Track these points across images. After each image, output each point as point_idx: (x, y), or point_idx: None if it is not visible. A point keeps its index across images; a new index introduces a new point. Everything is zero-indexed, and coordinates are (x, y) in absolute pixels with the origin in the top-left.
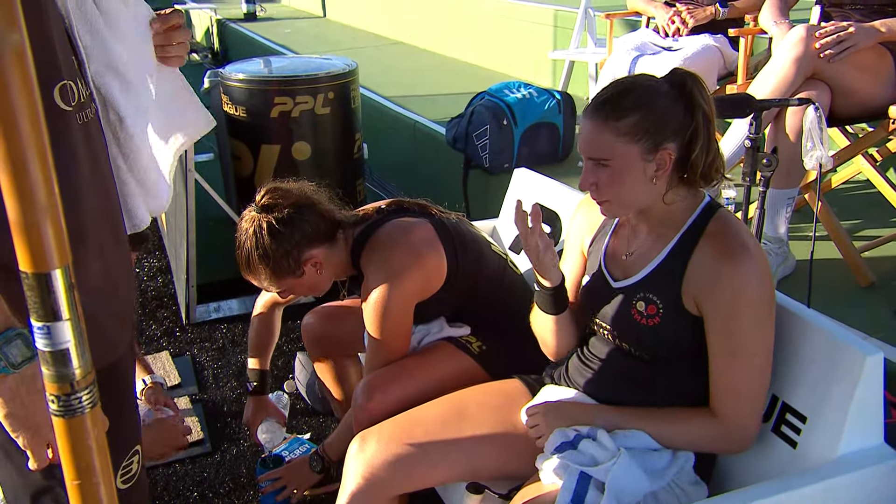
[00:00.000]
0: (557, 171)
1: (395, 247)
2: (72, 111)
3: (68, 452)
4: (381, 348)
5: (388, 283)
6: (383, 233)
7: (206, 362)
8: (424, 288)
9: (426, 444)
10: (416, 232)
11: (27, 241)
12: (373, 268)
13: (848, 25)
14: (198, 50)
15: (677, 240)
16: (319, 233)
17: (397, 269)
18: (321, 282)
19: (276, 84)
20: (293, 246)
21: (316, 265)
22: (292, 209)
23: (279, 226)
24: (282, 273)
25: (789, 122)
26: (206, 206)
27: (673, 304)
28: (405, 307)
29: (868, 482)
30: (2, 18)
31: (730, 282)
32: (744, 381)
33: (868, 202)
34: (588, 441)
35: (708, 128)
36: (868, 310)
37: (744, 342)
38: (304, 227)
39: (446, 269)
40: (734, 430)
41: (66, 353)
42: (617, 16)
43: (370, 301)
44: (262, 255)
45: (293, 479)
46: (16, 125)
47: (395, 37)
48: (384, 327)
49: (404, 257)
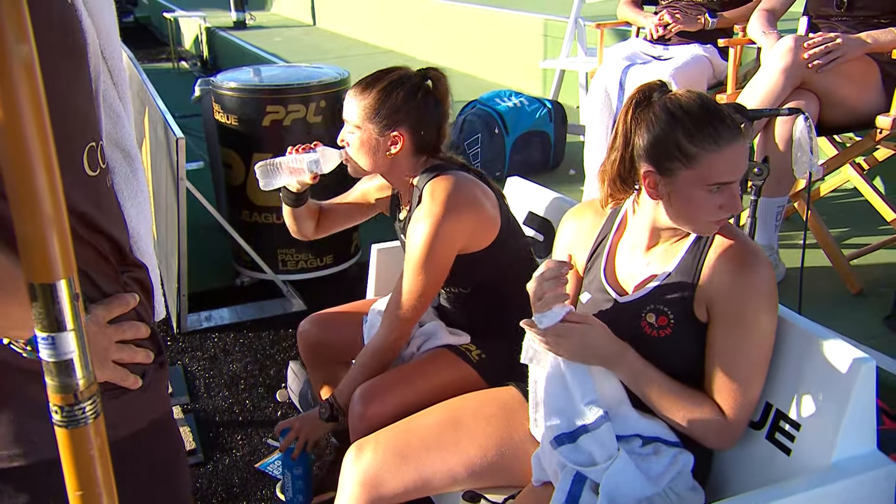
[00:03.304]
0: (549, 180)
1: (461, 187)
2: (98, 176)
3: (71, 463)
4: (415, 280)
5: (444, 213)
6: (455, 174)
7: (197, 372)
8: (474, 234)
9: (422, 453)
10: (482, 189)
11: (33, 252)
12: (434, 196)
13: (835, 36)
14: (187, 58)
15: (686, 250)
16: (424, 134)
17: (455, 204)
18: (376, 160)
19: (267, 92)
20: (406, 114)
21: (394, 143)
22: (435, 102)
23: (419, 94)
24: (374, 116)
25: (779, 131)
26: (196, 215)
27: (685, 313)
28: (451, 242)
29: (862, 489)
30: (11, 30)
31: (746, 287)
32: (744, 383)
33: (856, 210)
34: (588, 437)
35: None
36: (858, 317)
37: (752, 346)
38: (425, 117)
39: (498, 230)
40: (730, 428)
41: (70, 363)
42: (607, 25)
43: (421, 226)
44: (386, 90)
45: (303, 429)
46: (23, 136)
47: (385, 45)
48: (427, 256)
49: (466, 198)
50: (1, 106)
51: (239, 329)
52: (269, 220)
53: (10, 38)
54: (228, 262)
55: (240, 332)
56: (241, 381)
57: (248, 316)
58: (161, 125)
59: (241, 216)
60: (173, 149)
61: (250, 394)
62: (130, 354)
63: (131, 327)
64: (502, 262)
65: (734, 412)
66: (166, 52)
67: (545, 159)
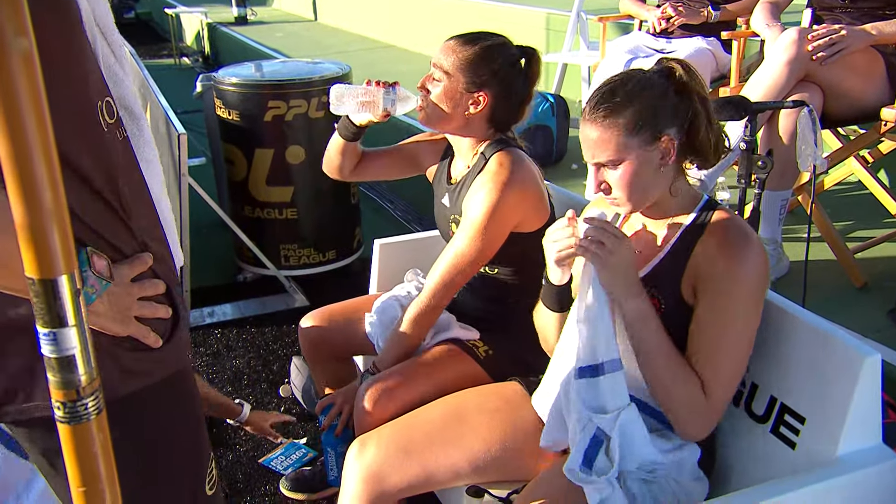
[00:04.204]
0: (552, 174)
1: (529, 164)
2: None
3: (74, 459)
4: (470, 244)
5: (512, 182)
6: (523, 154)
7: (200, 368)
8: (531, 212)
9: (425, 448)
10: (541, 175)
11: (33, 247)
12: (503, 165)
13: (839, 28)
14: (188, 54)
15: (680, 234)
16: (505, 105)
17: (523, 178)
18: (454, 113)
19: (269, 88)
20: (497, 79)
21: (475, 104)
22: (525, 79)
23: (515, 66)
24: (468, 69)
25: (782, 124)
26: (199, 211)
27: (674, 296)
28: (513, 212)
29: (867, 483)
30: (10, 23)
31: (730, 267)
32: (723, 365)
33: (860, 203)
34: (606, 379)
35: (706, 107)
36: (862, 311)
37: (733, 328)
38: (511, 89)
39: (548, 216)
40: (706, 410)
41: (72, 359)
42: (609, 19)
43: (487, 190)
44: (488, 49)
45: (347, 402)
46: (23, 130)
47: (386, 40)
48: (488, 220)
49: (532, 175)
50: (1, 99)
51: (241, 325)
52: (272, 215)
53: (8, 32)
54: (231, 257)
55: (242, 328)
56: (244, 377)
57: (251, 311)
58: (163, 121)
59: (244, 212)
60: (175, 144)
61: (253, 389)
62: (152, 310)
63: (151, 285)
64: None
65: (710, 393)
66: (168, 48)
67: (548, 154)
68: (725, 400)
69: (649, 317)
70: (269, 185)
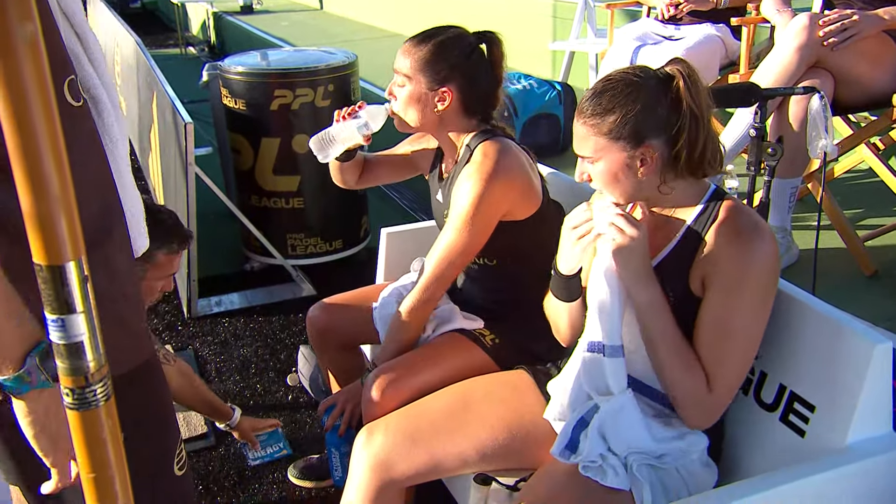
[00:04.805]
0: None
1: (514, 152)
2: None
3: (83, 446)
4: (458, 237)
5: (496, 172)
6: (507, 142)
7: (208, 356)
8: (520, 200)
9: (433, 436)
10: (529, 161)
11: (41, 234)
12: (486, 155)
13: (851, 13)
14: (194, 44)
15: (688, 227)
16: (473, 95)
17: (508, 166)
18: (424, 115)
19: (275, 77)
20: (458, 72)
21: (441, 100)
22: (488, 65)
23: (473, 54)
24: (425, 69)
25: (793, 110)
26: (206, 200)
27: (683, 289)
28: (499, 202)
29: (877, 471)
30: (15, 10)
31: (740, 257)
32: (729, 362)
33: (870, 191)
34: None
35: (695, 123)
36: (872, 299)
37: (741, 321)
38: (476, 78)
39: (539, 204)
40: (708, 402)
41: (80, 345)
42: (617, 6)
43: (471, 182)
44: (441, 45)
45: (350, 401)
46: (30, 117)
47: (392, 29)
48: (474, 212)
49: (518, 162)
50: (6, 86)
51: (249, 314)
52: (279, 204)
53: (13, 18)
54: (238, 247)
55: (250, 317)
56: (251, 366)
57: (258, 301)
58: (169, 111)
59: (251, 201)
60: (182, 134)
61: (261, 378)
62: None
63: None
64: (538, 238)
65: (715, 386)
66: (174, 38)
67: (555, 142)
68: (730, 393)
69: (661, 305)
70: (275, 174)
